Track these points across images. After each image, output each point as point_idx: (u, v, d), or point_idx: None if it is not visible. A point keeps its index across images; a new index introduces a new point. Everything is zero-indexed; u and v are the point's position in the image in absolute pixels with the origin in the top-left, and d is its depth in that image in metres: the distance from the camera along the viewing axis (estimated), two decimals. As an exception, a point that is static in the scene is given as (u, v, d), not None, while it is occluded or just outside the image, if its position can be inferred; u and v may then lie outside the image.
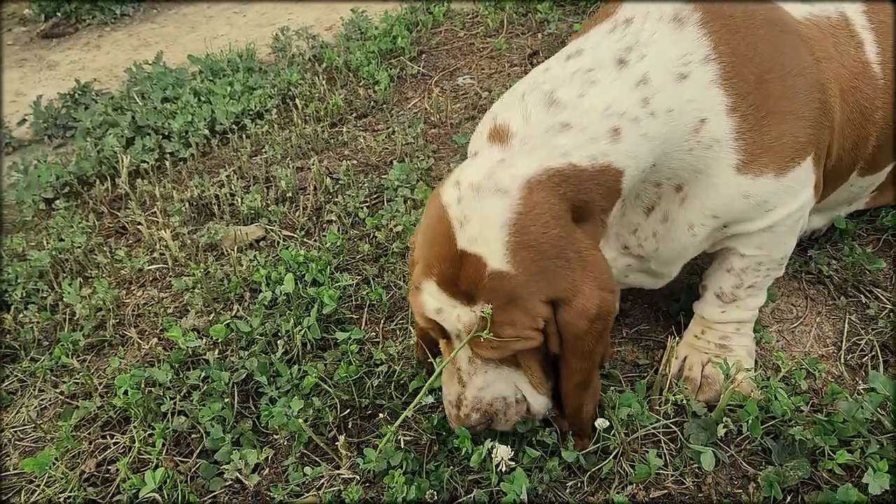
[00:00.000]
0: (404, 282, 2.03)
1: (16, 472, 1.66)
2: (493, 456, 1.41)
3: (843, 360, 1.67)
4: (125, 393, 1.69)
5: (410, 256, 1.46)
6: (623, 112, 1.30)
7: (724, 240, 1.53)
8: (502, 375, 1.40)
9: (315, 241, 2.28)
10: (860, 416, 1.43)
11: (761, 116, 1.37)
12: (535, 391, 1.43)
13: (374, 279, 2.06)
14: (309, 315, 1.86)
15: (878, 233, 1.97)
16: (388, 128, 2.91)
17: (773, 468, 1.43)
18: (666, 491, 1.45)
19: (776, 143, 1.38)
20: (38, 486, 1.59)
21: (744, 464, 1.48)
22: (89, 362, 1.95)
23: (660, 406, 1.55)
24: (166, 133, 3.04)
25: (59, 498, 1.54)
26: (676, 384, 1.59)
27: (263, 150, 2.81)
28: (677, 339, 1.69)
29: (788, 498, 1.40)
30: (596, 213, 1.35)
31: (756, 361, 1.66)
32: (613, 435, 1.47)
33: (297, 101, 3.14)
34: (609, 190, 1.33)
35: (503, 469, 1.41)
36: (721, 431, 1.47)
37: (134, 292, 2.19)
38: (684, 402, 1.55)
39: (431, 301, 1.32)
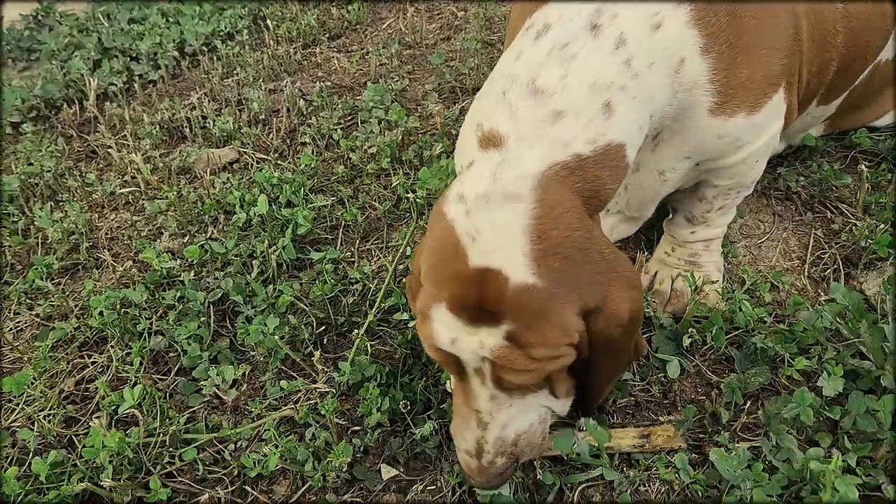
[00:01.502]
0: (378, 203, 2.03)
1: (-5, 392, 1.67)
2: (448, 387, 1.43)
3: (806, 274, 1.72)
4: (101, 314, 1.70)
5: (409, 282, 1.32)
6: (610, 83, 1.20)
7: (696, 176, 1.54)
8: (527, 402, 1.25)
9: (289, 163, 2.26)
10: (819, 324, 1.48)
11: (734, 55, 1.32)
12: (561, 401, 1.30)
13: (348, 200, 2.06)
14: (284, 236, 1.86)
15: (846, 150, 1.99)
16: (362, 48, 2.86)
17: (735, 376, 1.49)
18: (633, 398, 1.50)
19: (749, 82, 1.35)
20: (18, 405, 1.61)
21: (708, 372, 1.53)
22: (64, 285, 1.95)
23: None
24: (134, 55, 2.96)
25: (39, 415, 1.56)
26: (646, 298, 1.63)
27: (235, 72, 2.76)
28: (647, 254, 1.72)
29: (749, 403, 1.46)
30: (607, 199, 1.26)
31: (724, 276, 1.70)
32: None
33: (269, 21, 3.06)
34: (616, 168, 1.24)
35: None
36: (686, 342, 1.51)
37: (106, 216, 2.18)
38: (652, 314, 1.59)
39: (444, 331, 1.14)
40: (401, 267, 1.73)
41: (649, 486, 1.35)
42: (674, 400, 1.49)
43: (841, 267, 1.70)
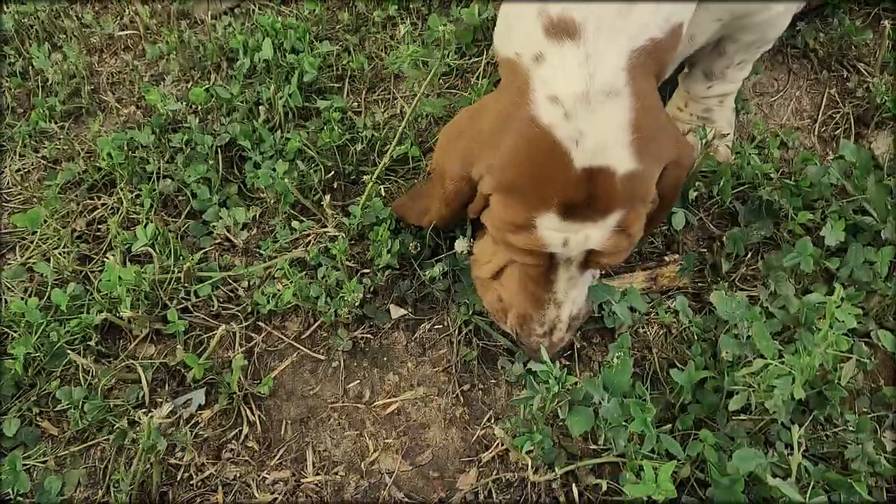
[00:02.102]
0: (386, 52, 1.98)
1: (7, 231, 1.70)
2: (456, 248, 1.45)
3: (817, 132, 1.71)
4: (109, 155, 1.69)
5: (442, 184, 1.29)
6: None
7: (719, 32, 1.47)
8: (587, 274, 1.33)
9: (292, 9, 2.18)
10: (825, 180, 1.49)
11: None
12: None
13: (354, 48, 2.01)
14: (289, 83, 1.83)
15: (870, 6, 1.93)
16: None
17: (738, 228, 1.51)
18: (637, 250, 1.53)
19: None
20: (32, 241, 1.64)
21: (711, 225, 1.56)
22: (68, 128, 1.93)
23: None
24: None
25: (54, 252, 1.59)
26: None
27: (232, -88, 2.61)
28: (659, 108, 1.70)
29: (749, 255, 1.50)
30: (668, 73, 1.28)
31: (735, 131, 1.69)
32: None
33: None
34: (677, 45, 1.23)
35: (464, 258, 1.46)
36: (692, 195, 1.52)
37: (106, 60, 2.12)
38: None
39: (556, 235, 1.17)
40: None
41: (648, 329, 1.40)
42: (677, 251, 1.53)
43: (852, 126, 1.69)
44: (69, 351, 1.40)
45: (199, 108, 1.84)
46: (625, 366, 1.18)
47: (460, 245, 1.45)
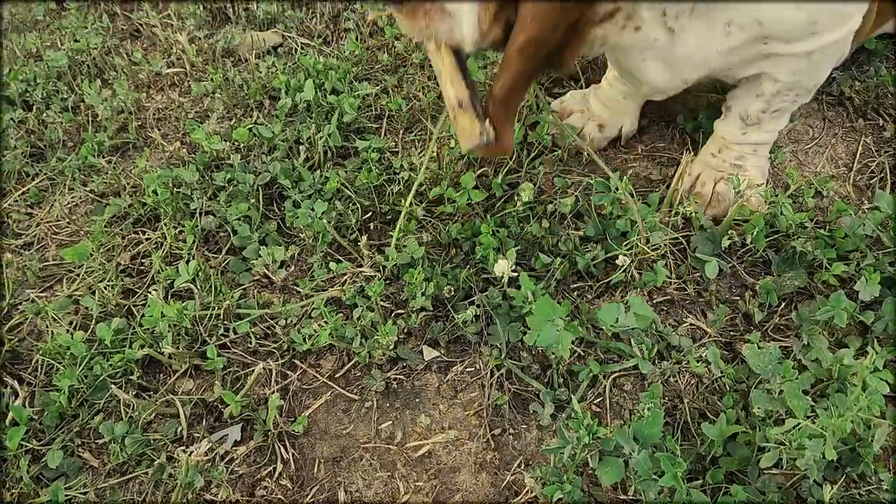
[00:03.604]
0: (423, 93, 2.03)
1: (55, 262, 1.76)
2: (496, 271, 1.48)
3: (852, 181, 1.71)
4: (154, 192, 1.75)
5: None
6: None
7: (758, 61, 1.46)
8: None
9: (333, 49, 2.24)
10: (861, 231, 1.49)
11: None
12: None
13: (393, 89, 2.06)
14: (329, 123, 1.88)
15: (907, 55, 1.94)
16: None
17: (771, 278, 1.52)
18: (668, 297, 1.54)
19: None
20: (79, 275, 1.69)
21: (744, 273, 1.56)
22: (115, 163, 2.00)
23: (669, 218, 1.61)
24: (174, -70, 2.89)
25: (100, 285, 1.64)
26: (687, 198, 1.64)
27: (277, -48, 2.69)
28: (692, 155, 1.72)
29: (782, 305, 1.50)
30: None
31: (768, 180, 1.70)
32: (627, 248, 1.54)
33: None
34: None
35: (506, 280, 1.48)
36: (725, 243, 1.53)
37: (153, 96, 2.20)
38: (693, 215, 1.61)
39: None
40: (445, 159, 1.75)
41: (679, 378, 1.41)
42: (709, 300, 1.53)
43: (888, 175, 1.69)
44: (112, 385, 1.44)
45: (242, 145, 1.89)
46: (656, 418, 1.18)
47: (501, 267, 1.47)
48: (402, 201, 1.74)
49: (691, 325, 1.50)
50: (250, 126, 1.89)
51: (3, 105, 2.16)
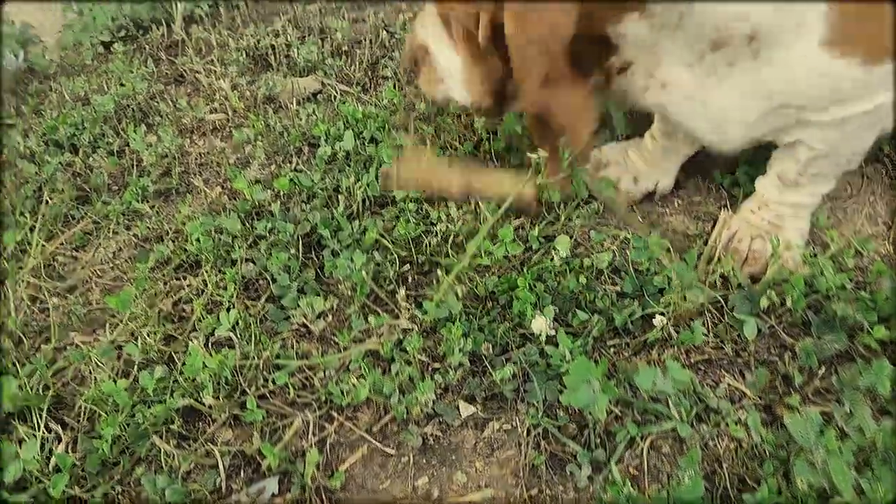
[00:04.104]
0: (460, 143, 2.05)
1: (99, 307, 1.80)
2: (534, 328, 1.49)
3: (892, 240, 1.70)
4: (197, 240, 1.79)
5: None
6: None
7: (793, 128, 1.46)
8: None
9: (371, 96, 2.29)
10: (903, 295, 1.48)
11: None
12: None
13: (430, 139, 2.09)
14: (368, 172, 1.91)
15: (948, 113, 1.92)
16: (443, -22, 2.82)
17: (811, 340, 1.50)
18: (706, 356, 1.53)
19: (876, 31, 1.26)
20: (122, 321, 1.73)
21: (783, 334, 1.55)
22: (158, 207, 2.04)
23: (706, 277, 1.61)
24: (218, -24, 2.99)
25: (142, 331, 1.67)
26: (725, 255, 1.64)
27: (317, -1, 2.77)
28: (731, 213, 1.72)
29: (823, 369, 1.48)
30: None
31: (807, 242, 1.69)
32: (665, 305, 1.54)
33: (350, -55, 3.03)
34: None
35: (544, 338, 1.49)
36: (764, 303, 1.52)
37: (196, 141, 2.25)
38: (730, 273, 1.61)
39: None
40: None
41: (718, 441, 1.40)
42: (747, 360, 1.52)
43: (930, 236, 1.68)
44: (153, 435, 1.47)
45: (282, 193, 1.93)
46: (696, 485, 1.18)
47: (539, 325, 1.48)
48: (440, 252, 1.76)
49: (729, 385, 1.49)
50: (291, 176, 1.92)
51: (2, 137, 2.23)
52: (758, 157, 1.74)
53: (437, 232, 1.78)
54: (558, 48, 1.32)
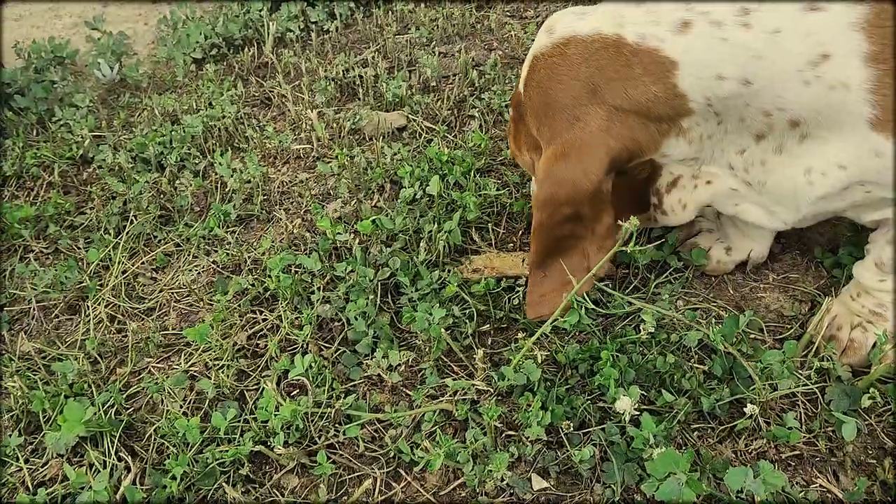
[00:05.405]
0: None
1: (174, 332, 1.80)
2: (618, 407, 1.42)
3: None
4: (277, 277, 1.78)
5: None
6: (706, 11, 1.29)
7: (877, 206, 1.40)
8: None
9: (455, 136, 2.26)
10: None
11: None
12: None
13: (514, 186, 2.05)
14: (450, 219, 1.88)
15: None
16: (536, 15, 2.79)
17: (915, 447, 1.41)
18: (797, 452, 1.45)
19: None
20: (196, 350, 1.73)
21: (882, 435, 1.46)
22: (238, 234, 2.05)
23: (802, 365, 1.52)
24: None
25: (216, 364, 1.67)
26: (825, 346, 1.55)
27: (408, 30, 2.76)
28: (832, 298, 1.63)
29: (926, 479, 1.38)
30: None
31: (912, 332, 1.59)
32: (754, 391, 1.46)
33: (444, -23, 3.03)
34: (658, 79, 1.35)
35: (627, 418, 1.43)
36: (866, 402, 1.43)
37: (279, 168, 2.26)
38: (829, 363, 1.52)
39: None
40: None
41: (808, 549, 1.31)
42: (842, 460, 1.43)
43: None
44: (221, 476, 1.45)
45: (363, 233, 1.91)
46: None
47: (623, 405, 1.42)
48: (518, 309, 1.72)
49: (821, 487, 1.41)
50: (374, 218, 1.90)
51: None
52: (863, 239, 1.65)
53: (518, 287, 1.73)
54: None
